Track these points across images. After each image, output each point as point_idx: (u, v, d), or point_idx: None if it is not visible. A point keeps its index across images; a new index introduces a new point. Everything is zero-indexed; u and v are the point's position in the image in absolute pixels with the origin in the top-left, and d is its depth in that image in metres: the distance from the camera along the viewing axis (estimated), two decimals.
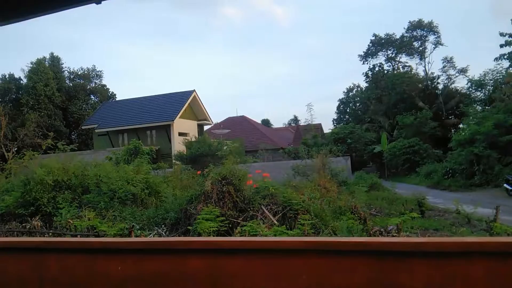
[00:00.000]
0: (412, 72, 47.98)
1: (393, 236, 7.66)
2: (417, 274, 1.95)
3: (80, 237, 7.90)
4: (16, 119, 37.66)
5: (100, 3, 2.02)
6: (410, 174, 32.21)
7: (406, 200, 14.26)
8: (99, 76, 48.27)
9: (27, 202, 10.77)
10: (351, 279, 2.06)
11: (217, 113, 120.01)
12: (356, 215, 9.06)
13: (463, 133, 26.22)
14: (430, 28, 46.33)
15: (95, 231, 8.14)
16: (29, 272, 2.89)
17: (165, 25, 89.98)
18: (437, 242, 1.97)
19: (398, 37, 48.38)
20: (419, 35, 47.21)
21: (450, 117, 42.98)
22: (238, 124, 44.12)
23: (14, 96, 42.09)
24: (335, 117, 58.41)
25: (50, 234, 8.70)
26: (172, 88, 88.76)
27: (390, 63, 50.84)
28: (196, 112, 35.22)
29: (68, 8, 2.17)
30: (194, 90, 34.03)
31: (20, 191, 11.25)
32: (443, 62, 44.95)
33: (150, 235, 8.53)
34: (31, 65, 41.12)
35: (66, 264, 2.79)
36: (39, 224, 9.51)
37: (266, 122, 68.88)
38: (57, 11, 2.17)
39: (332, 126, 55.14)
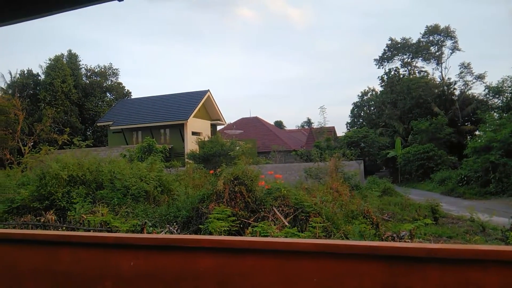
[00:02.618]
0: (428, 77, 47.37)
1: (405, 241, 7.58)
2: (430, 280, 1.92)
3: (93, 232, 7.99)
4: (33, 114, 38.34)
5: (122, 0, 2.04)
6: (424, 180, 31.81)
7: (419, 206, 14.09)
8: (115, 74, 48.87)
9: (42, 196, 10.92)
10: (363, 283, 2.05)
11: (230, 113, 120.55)
12: (369, 220, 8.99)
13: (479, 140, 25.79)
14: (447, 33, 45.75)
15: (108, 226, 8.23)
16: (42, 265, 2.93)
17: (181, 25, 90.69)
18: (452, 248, 1.94)
19: (414, 41, 47.88)
20: (436, 40, 46.65)
21: (466, 123, 42.35)
22: (251, 125, 44.18)
23: (32, 92, 42.83)
24: (349, 121, 58.10)
25: (64, 228, 8.81)
26: (186, 88, 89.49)
27: (406, 68, 50.34)
28: (210, 112, 35.36)
29: (91, 5, 2.20)
30: (208, 90, 34.18)
31: (35, 185, 11.41)
32: (460, 68, 44.36)
33: (162, 233, 8.59)
34: (49, 62, 41.82)
35: (79, 258, 2.83)
36: (54, 218, 9.63)
37: (279, 124, 68.90)
38: (79, 8, 2.20)
39: (345, 130, 54.93)
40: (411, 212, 13.13)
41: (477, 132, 34.36)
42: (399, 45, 48.94)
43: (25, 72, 43.34)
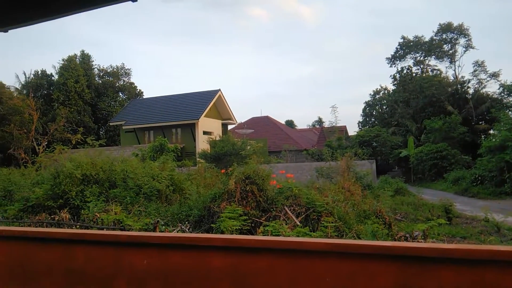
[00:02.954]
0: (442, 76, 46.82)
1: (419, 242, 7.51)
2: (445, 281, 1.90)
3: (107, 230, 8.07)
4: (47, 114, 38.86)
5: (136, 0, 2.07)
6: (437, 179, 31.45)
7: (432, 206, 13.95)
8: (127, 74, 49.30)
9: (56, 195, 11.06)
10: (375, 283, 2.04)
11: (241, 113, 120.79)
12: (381, 220, 8.92)
13: (494, 139, 25.40)
14: (460, 31, 45.14)
15: (121, 225, 8.30)
16: (57, 262, 2.97)
17: (192, 25, 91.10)
18: (467, 249, 1.92)
19: (427, 39, 47.36)
20: (449, 38, 46.07)
21: (480, 122, 41.74)
22: (262, 124, 44.17)
23: (45, 92, 43.43)
24: (361, 120, 57.70)
25: (78, 226, 8.92)
26: (197, 87, 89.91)
27: (418, 66, 49.80)
28: (221, 111, 35.45)
29: (106, 5, 2.22)
30: (219, 90, 34.27)
31: (50, 183, 11.56)
32: (474, 66, 43.70)
33: (174, 231, 8.64)
34: (63, 62, 42.36)
35: (93, 255, 2.86)
36: (68, 216, 9.75)
37: (290, 123, 68.74)
38: (95, 8, 2.23)
39: (357, 129, 54.51)
40: (425, 212, 13.01)
41: (491, 131, 33.83)
42: (411, 43, 48.45)
43: (39, 72, 43.96)
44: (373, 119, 55.45)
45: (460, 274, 1.89)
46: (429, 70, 49.22)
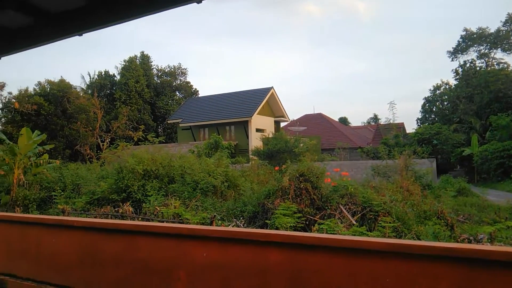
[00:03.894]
0: (509, 69, 43.72)
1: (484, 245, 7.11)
2: None
3: (167, 223, 8.39)
4: (110, 113, 41.05)
5: (200, 2, 2.16)
6: (504, 180, 29.44)
7: (499, 207, 13.09)
8: (184, 73, 50.86)
9: (120, 189, 11.68)
10: (439, 286, 1.98)
11: (294, 110, 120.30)
12: (443, 221, 8.54)
13: None
14: None
15: (180, 218, 8.61)
16: (122, 252, 3.16)
17: (245, 23, 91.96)
18: None
19: (492, 31, 44.42)
20: None
21: None
22: (315, 121, 43.74)
23: (108, 91, 45.89)
24: (420, 116, 55.29)
25: (140, 219, 9.35)
26: (251, 85, 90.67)
27: (483, 60, 46.84)
28: (273, 108, 35.54)
29: (171, 8, 2.33)
30: (272, 87, 34.37)
31: (113, 178, 12.22)
32: None
33: (229, 226, 8.82)
34: (124, 63, 44.52)
35: (156, 247, 3.01)
36: (130, 209, 10.25)
37: (343, 120, 67.53)
38: (160, 11, 2.35)
39: (415, 126, 52.33)
40: (490, 214, 12.26)
41: None
42: (475, 36, 45.69)
43: (102, 73, 46.51)
44: (433, 116, 52.93)
45: None
46: (495, 63, 46.19)
